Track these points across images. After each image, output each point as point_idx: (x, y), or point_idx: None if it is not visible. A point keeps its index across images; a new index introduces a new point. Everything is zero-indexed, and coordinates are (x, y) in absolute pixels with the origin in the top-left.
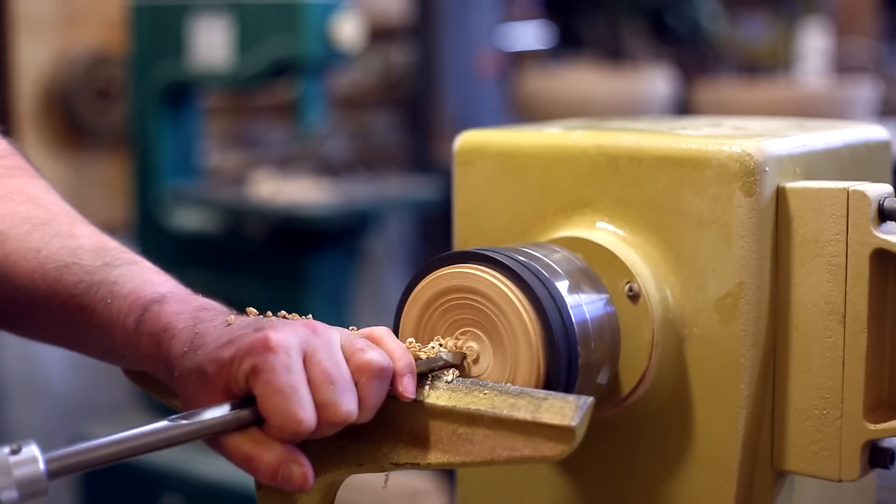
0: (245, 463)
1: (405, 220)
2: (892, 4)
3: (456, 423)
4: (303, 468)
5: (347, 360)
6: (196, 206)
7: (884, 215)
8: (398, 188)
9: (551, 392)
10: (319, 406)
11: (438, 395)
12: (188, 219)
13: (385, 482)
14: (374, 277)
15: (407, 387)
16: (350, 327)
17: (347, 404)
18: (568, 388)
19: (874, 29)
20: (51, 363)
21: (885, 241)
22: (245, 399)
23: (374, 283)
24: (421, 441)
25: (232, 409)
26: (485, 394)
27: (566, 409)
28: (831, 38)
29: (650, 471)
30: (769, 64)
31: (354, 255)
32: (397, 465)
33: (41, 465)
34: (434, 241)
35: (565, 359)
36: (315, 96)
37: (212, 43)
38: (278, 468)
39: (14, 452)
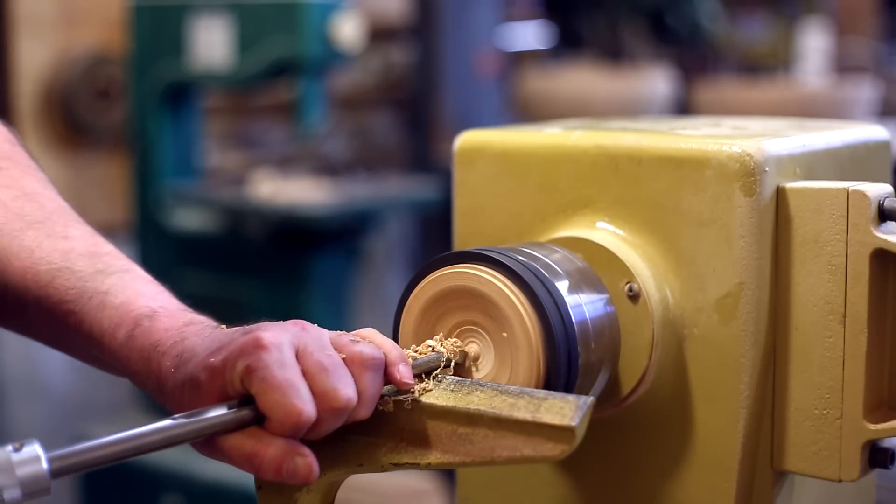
0: (247, 461)
1: (405, 220)
2: (892, 4)
3: (456, 423)
4: (307, 459)
5: (339, 353)
6: (196, 206)
7: (884, 215)
8: (398, 188)
9: (551, 392)
10: (318, 396)
11: (438, 395)
12: (188, 219)
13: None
14: (374, 277)
15: (404, 374)
16: (338, 332)
17: (346, 389)
18: (568, 388)
19: (874, 29)
20: (51, 363)
21: (885, 241)
22: (243, 400)
23: (374, 283)
24: (421, 441)
25: (230, 410)
26: (485, 394)
27: (566, 409)
28: (831, 38)
29: (650, 471)
30: (769, 64)
31: (354, 255)
32: (397, 465)
33: (44, 464)
34: (434, 241)
35: (565, 359)
36: (315, 96)
37: (212, 43)
38: (282, 462)
39: (17, 451)
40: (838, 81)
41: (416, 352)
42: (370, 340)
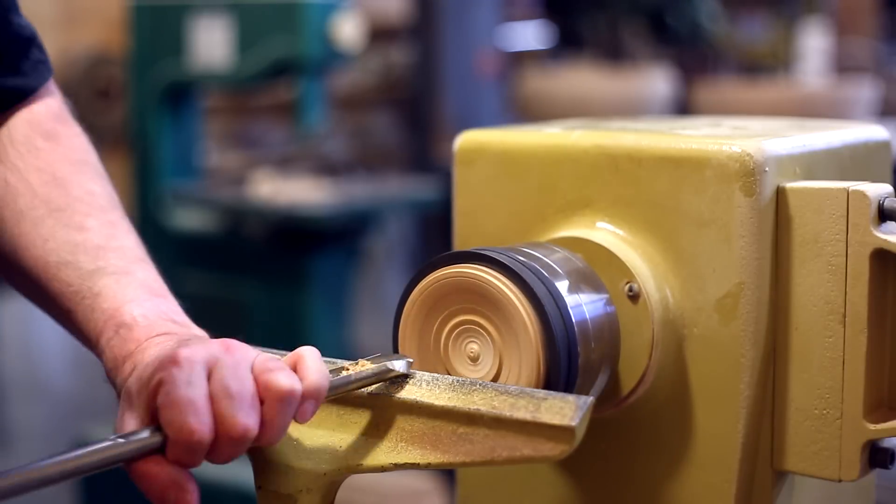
0: (138, 481)
1: (405, 220)
2: (892, 4)
3: (456, 423)
4: (187, 495)
5: (255, 379)
6: (196, 206)
7: (884, 215)
8: (398, 188)
9: (551, 392)
10: (217, 421)
11: (438, 395)
12: (188, 219)
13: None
14: (374, 277)
15: (303, 412)
16: (269, 355)
17: (244, 419)
18: (568, 388)
19: (874, 29)
20: (51, 363)
21: (885, 241)
22: (158, 426)
23: (374, 283)
24: (421, 441)
25: (144, 434)
26: (485, 394)
27: (566, 409)
28: (831, 38)
29: (650, 471)
30: (769, 64)
31: (354, 255)
32: (397, 466)
33: None
34: (434, 241)
35: (565, 359)
36: (315, 96)
37: (212, 43)
38: (166, 490)
39: None
40: (838, 81)
41: (355, 367)
42: (300, 363)
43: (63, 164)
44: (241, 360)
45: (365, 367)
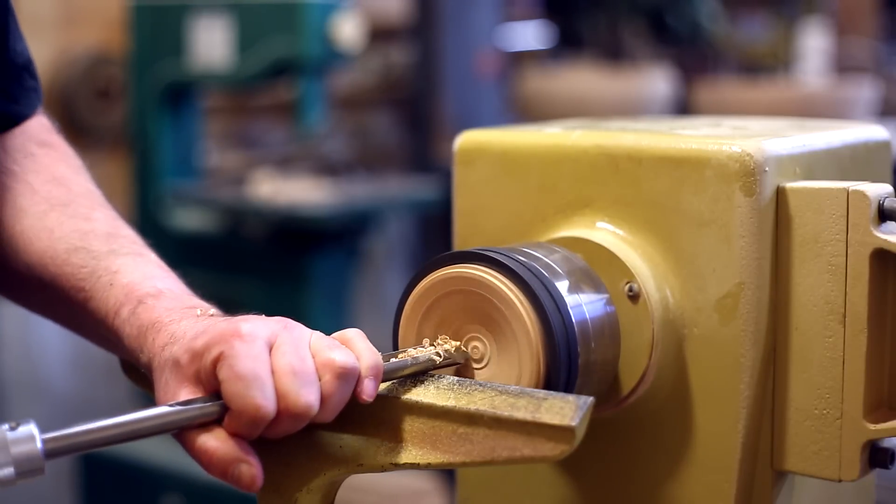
0: (199, 456)
1: (405, 220)
2: (892, 4)
3: (456, 423)
4: (252, 469)
5: (314, 357)
6: (196, 206)
7: (884, 215)
8: (398, 188)
9: (551, 392)
10: (280, 396)
11: (438, 395)
12: (188, 219)
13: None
14: (374, 277)
15: (366, 389)
16: (321, 335)
17: (307, 396)
18: (568, 388)
19: (874, 29)
20: (51, 363)
21: (885, 241)
22: (215, 394)
23: (374, 283)
24: (421, 441)
25: (199, 404)
26: (485, 394)
27: (566, 409)
28: (831, 38)
29: (650, 471)
30: (769, 64)
31: (354, 255)
32: (397, 465)
33: (38, 444)
34: (434, 241)
35: (565, 359)
36: (315, 96)
37: (212, 43)
38: (228, 466)
39: (12, 429)
40: (838, 81)
41: (415, 351)
42: (350, 344)
43: (60, 165)
44: (300, 337)
45: (413, 355)
